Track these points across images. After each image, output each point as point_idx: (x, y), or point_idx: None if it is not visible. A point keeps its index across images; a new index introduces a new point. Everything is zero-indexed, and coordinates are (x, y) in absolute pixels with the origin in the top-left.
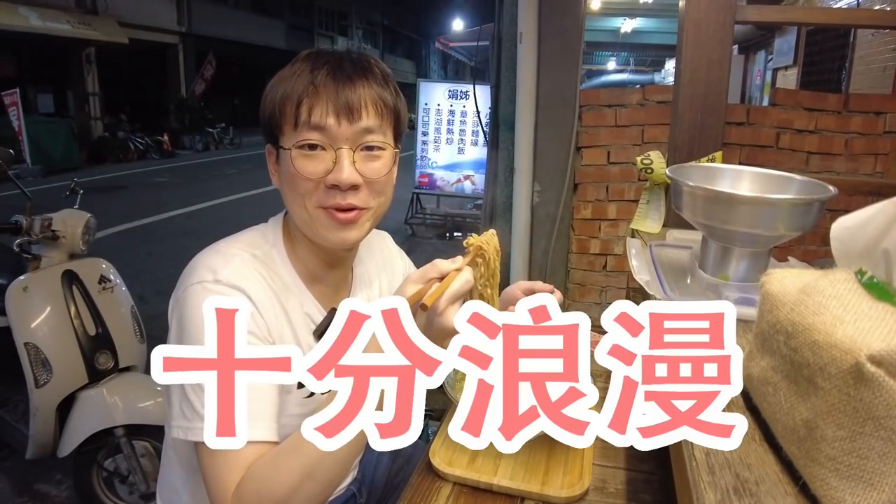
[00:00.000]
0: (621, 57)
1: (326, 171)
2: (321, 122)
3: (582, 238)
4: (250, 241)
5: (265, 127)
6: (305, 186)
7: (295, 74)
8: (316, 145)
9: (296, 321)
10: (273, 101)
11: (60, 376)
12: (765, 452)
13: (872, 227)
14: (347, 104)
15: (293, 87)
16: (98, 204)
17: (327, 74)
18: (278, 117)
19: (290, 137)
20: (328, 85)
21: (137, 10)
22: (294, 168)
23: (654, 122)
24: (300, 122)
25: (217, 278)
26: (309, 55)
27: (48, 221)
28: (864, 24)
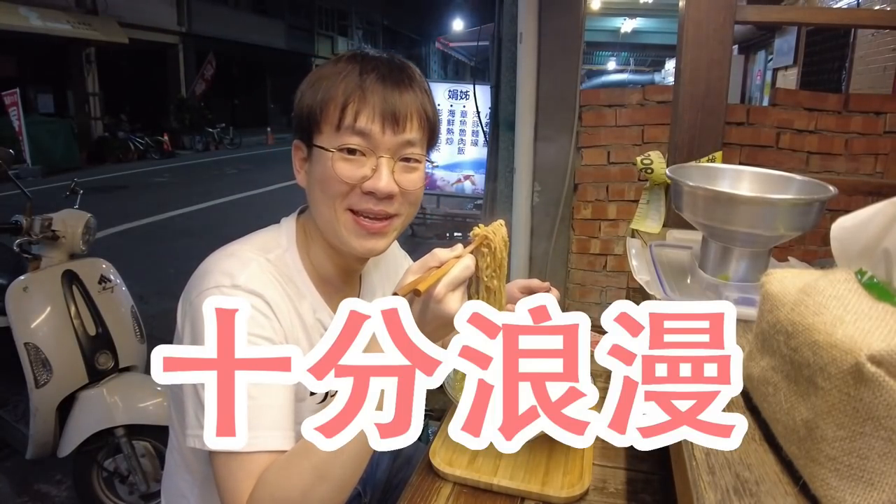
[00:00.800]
0: (621, 57)
1: (364, 178)
2: (366, 129)
3: (582, 238)
4: (263, 245)
5: (300, 122)
6: (340, 189)
7: (340, 74)
8: (356, 150)
9: (309, 326)
10: (314, 98)
11: (60, 376)
12: (765, 452)
13: (872, 227)
14: (393, 113)
15: (339, 88)
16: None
17: (376, 80)
18: (318, 115)
19: (331, 138)
20: (376, 91)
21: (137, 10)
22: (333, 170)
23: (654, 122)
24: (344, 124)
25: (235, 283)
26: (355, 56)
27: (48, 221)
28: (864, 24)
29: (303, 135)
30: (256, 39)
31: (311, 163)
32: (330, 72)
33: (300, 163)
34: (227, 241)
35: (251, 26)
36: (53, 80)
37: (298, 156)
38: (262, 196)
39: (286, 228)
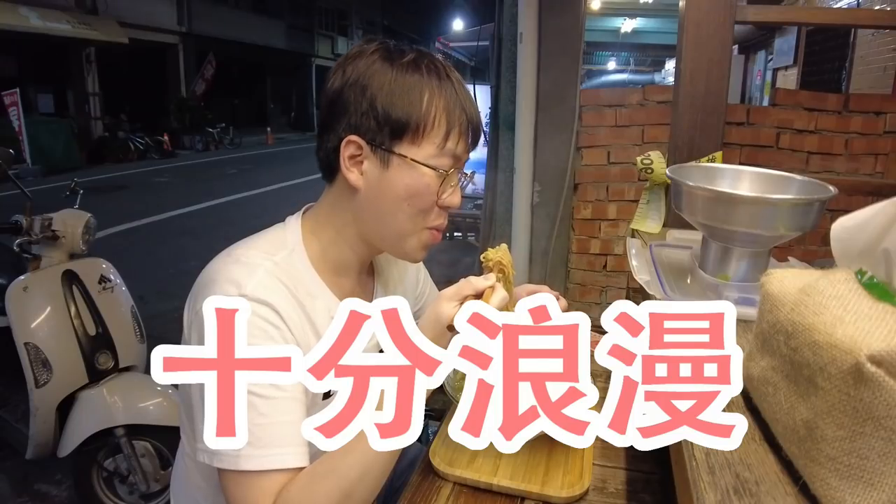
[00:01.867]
0: (621, 57)
1: (444, 194)
2: (463, 155)
3: (582, 238)
4: (269, 247)
5: (375, 117)
6: (427, 204)
7: (434, 87)
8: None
9: (320, 326)
10: (413, 96)
11: (60, 376)
12: (765, 452)
13: (872, 227)
14: (476, 138)
15: (440, 105)
16: (98, 204)
17: (472, 104)
18: (419, 129)
19: (425, 153)
20: (471, 115)
21: (137, 10)
22: (426, 186)
23: (654, 122)
24: (447, 147)
25: (242, 292)
26: (429, 64)
27: (48, 221)
28: (864, 24)
29: (375, 136)
30: (256, 39)
31: (389, 172)
32: (426, 83)
33: (353, 161)
34: (227, 241)
35: (251, 26)
36: (53, 80)
37: (351, 152)
38: (262, 196)
39: (291, 228)
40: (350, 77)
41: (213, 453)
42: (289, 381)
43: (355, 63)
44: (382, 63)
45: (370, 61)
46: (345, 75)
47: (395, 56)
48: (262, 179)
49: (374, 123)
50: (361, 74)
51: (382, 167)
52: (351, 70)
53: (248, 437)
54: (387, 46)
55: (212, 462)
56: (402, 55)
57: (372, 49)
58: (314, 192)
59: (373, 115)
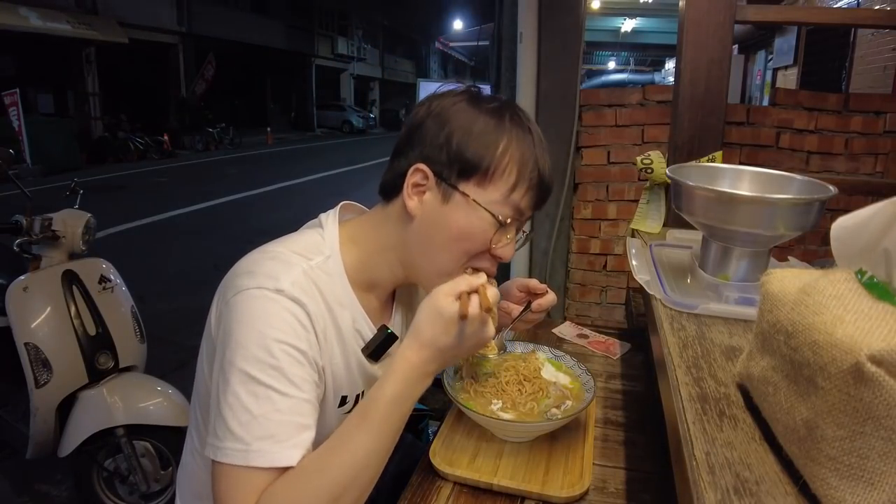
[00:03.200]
0: (621, 57)
1: (499, 244)
2: (525, 211)
3: (582, 238)
4: (306, 248)
5: (450, 152)
6: (477, 248)
7: (520, 140)
8: (508, 224)
9: (346, 337)
10: (489, 141)
11: (60, 376)
12: (765, 452)
13: (872, 226)
14: (544, 198)
15: (517, 161)
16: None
17: (547, 163)
18: (488, 172)
19: (488, 197)
20: (546, 176)
21: (137, 10)
22: (488, 236)
23: (654, 122)
24: (511, 199)
25: (279, 287)
26: (521, 121)
27: (48, 221)
28: (864, 23)
29: (443, 170)
30: (256, 39)
31: (448, 207)
32: (502, 124)
33: (416, 189)
34: (227, 240)
35: (251, 26)
36: (53, 80)
37: (417, 179)
38: (262, 196)
39: (329, 234)
40: (434, 110)
41: (216, 447)
42: (306, 384)
43: (441, 100)
44: (467, 104)
45: (456, 100)
46: (429, 108)
47: (481, 101)
48: (263, 179)
49: (445, 157)
50: (444, 109)
51: (443, 201)
52: (436, 105)
53: (258, 430)
54: (475, 92)
55: (215, 456)
56: (489, 102)
57: (460, 91)
58: (315, 192)
59: (446, 149)
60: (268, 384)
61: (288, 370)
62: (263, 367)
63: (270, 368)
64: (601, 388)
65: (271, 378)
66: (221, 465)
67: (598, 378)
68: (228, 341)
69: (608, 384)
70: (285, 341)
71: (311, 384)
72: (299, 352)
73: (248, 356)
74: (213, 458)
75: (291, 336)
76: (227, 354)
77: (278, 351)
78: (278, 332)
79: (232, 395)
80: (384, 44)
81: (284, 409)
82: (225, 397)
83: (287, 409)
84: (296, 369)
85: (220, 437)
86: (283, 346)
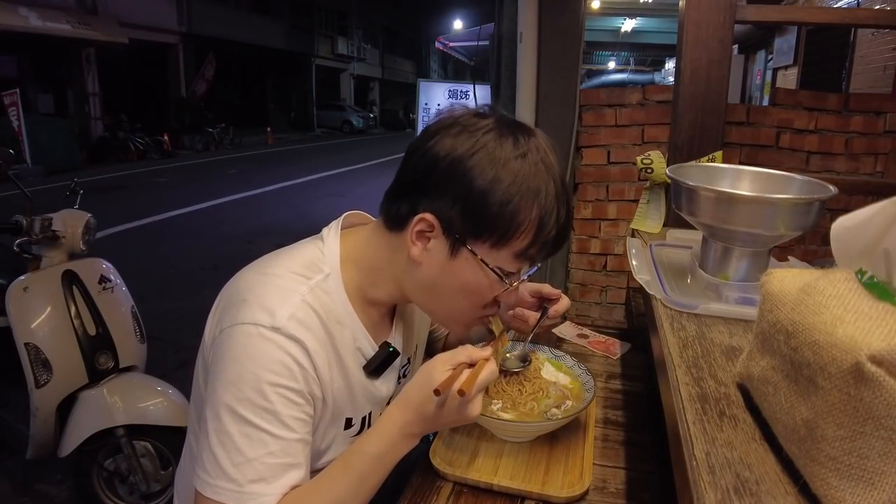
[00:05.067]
0: (621, 57)
1: (502, 290)
2: (538, 261)
3: (582, 238)
4: (304, 266)
5: (462, 205)
6: (484, 300)
7: (532, 195)
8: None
9: (347, 357)
10: (506, 205)
11: (60, 376)
12: (765, 452)
13: (872, 226)
14: (559, 246)
15: (537, 219)
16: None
17: (567, 215)
18: (503, 232)
19: (499, 259)
20: (563, 227)
21: (137, 10)
22: (488, 287)
23: (654, 122)
24: (524, 255)
25: (275, 325)
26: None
27: (48, 221)
28: (864, 23)
29: (454, 224)
30: (256, 39)
31: (455, 262)
32: (526, 177)
33: (421, 237)
34: (227, 240)
35: (251, 26)
36: (53, 80)
37: (421, 227)
38: (262, 196)
39: (329, 250)
40: (455, 152)
41: (206, 483)
42: (299, 423)
43: (459, 139)
44: (493, 149)
45: (477, 144)
46: (450, 146)
47: (505, 143)
48: (262, 179)
49: (458, 213)
50: (464, 158)
51: (450, 254)
52: (457, 142)
53: (251, 473)
54: (502, 126)
55: (204, 492)
56: (517, 144)
57: (482, 127)
58: (314, 192)
59: (461, 206)
60: (261, 427)
61: (282, 412)
62: (257, 410)
63: (264, 412)
64: (601, 388)
65: (265, 421)
66: (211, 500)
67: (598, 378)
68: (221, 377)
69: (608, 384)
70: (280, 384)
71: (304, 422)
72: (295, 392)
73: (242, 398)
74: (202, 492)
75: (286, 377)
76: (220, 390)
77: (272, 394)
78: (273, 376)
79: (225, 434)
80: (384, 44)
81: (277, 451)
82: (218, 435)
83: (279, 451)
84: (290, 410)
85: (213, 475)
86: (278, 389)
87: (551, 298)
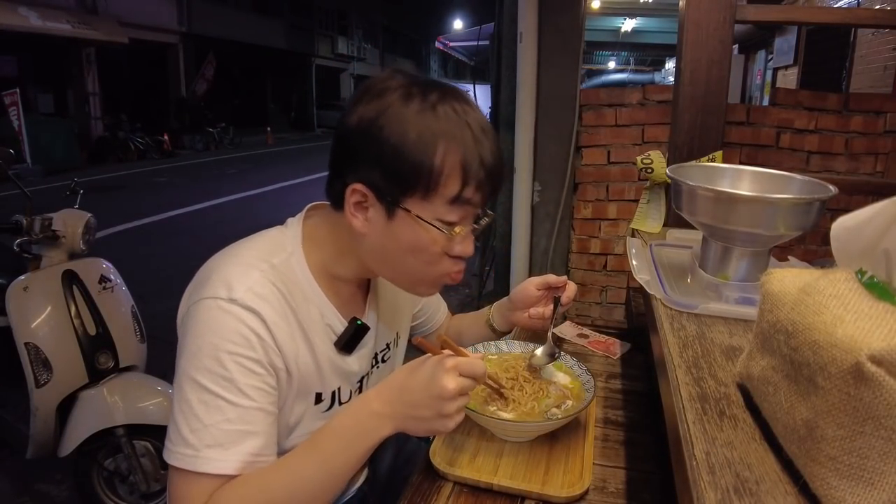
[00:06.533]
0: (621, 57)
1: (455, 244)
2: (473, 201)
3: (582, 238)
4: (269, 248)
5: (383, 168)
6: (436, 257)
7: (454, 134)
8: (456, 222)
9: (313, 331)
10: (421, 150)
11: (61, 376)
12: (765, 452)
13: (872, 226)
14: (496, 187)
15: (458, 157)
16: (98, 204)
17: (492, 155)
18: (429, 182)
19: (433, 210)
20: (493, 169)
21: (137, 10)
22: (438, 245)
23: (654, 122)
24: (460, 198)
25: (232, 297)
26: (452, 103)
27: (48, 221)
28: (865, 23)
29: (380, 187)
30: (256, 39)
31: (394, 223)
32: (437, 125)
33: (359, 208)
34: (226, 241)
35: (251, 26)
36: (53, 80)
37: (356, 199)
38: (262, 196)
39: (292, 232)
40: (364, 118)
41: (170, 451)
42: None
43: (370, 104)
44: (399, 107)
45: (388, 103)
46: (360, 114)
47: (415, 97)
48: (263, 179)
49: (380, 175)
50: (374, 119)
51: (388, 218)
52: (366, 109)
53: (208, 438)
54: (409, 84)
55: (168, 460)
56: (424, 97)
57: (394, 86)
58: (314, 192)
59: (380, 168)
60: (218, 394)
61: (239, 380)
62: (215, 378)
63: (222, 379)
64: (601, 388)
65: (222, 389)
66: (174, 468)
67: (598, 378)
68: (184, 350)
69: (608, 384)
70: (237, 352)
71: (264, 392)
72: (253, 361)
73: (201, 367)
74: (167, 461)
75: (244, 347)
76: (182, 363)
77: (230, 363)
78: (230, 345)
79: (185, 402)
80: (384, 44)
81: (234, 418)
82: (179, 404)
83: (236, 419)
84: (248, 379)
85: (174, 442)
86: (235, 358)
87: (558, 286)
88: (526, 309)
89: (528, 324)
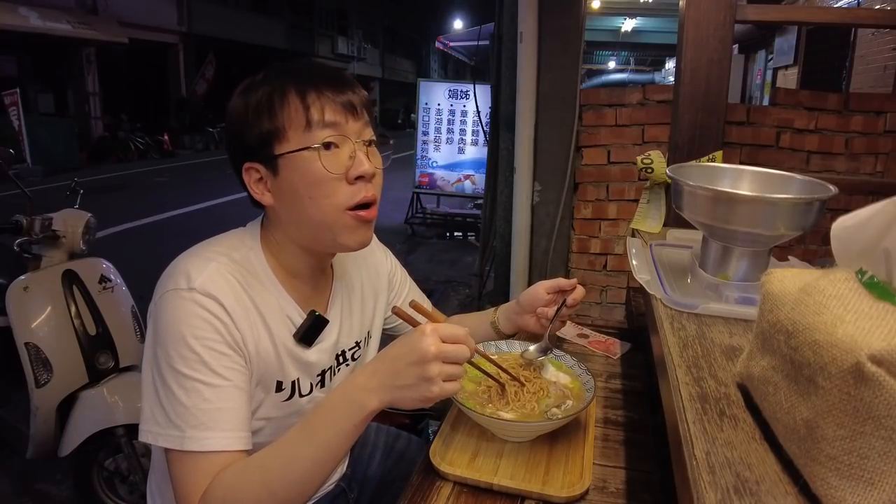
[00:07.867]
0: (621, 56)
1: (347, 168)
2: (335, 119)
3: (582, 238)
4: (230, 244)
5: (251, 145)
6: (331, 186)
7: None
8: (332, 143)
9: (273, 321)
10: (261, 108)
11: (61, 376)
12: (765, 452)
13: (873, 226)
14: (349, 101)
15: (291, 91)
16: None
17: (321, 79)
18: (281, 125)
19: (303, 139)
20: (326, 87)
21: (137, 10)
22: (322, 167)
23: (654, 122)
24: (313, 121)
25: (191, 286)
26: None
27: (48, 221)
28: (865, 23)
29: (258, 155)
30: (256, 39)
31: (281, 176)
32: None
33: (259, 184)
34: None
35: (251, 26)
36: (53, 80)
37: (253, 178)
38: None
39: (251, 231)
40: (228, 117)
41: (158, 434)
42: (231, 372)
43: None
44: (237, 97)
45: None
46: (227, 117)
47: (248, 85)
48: None
49: (247, 144)
50: (229, 113)
51: (279, 176)
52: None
53: (191, 420)
54: (250, 80)
55: (156, 442)
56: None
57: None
58: None
59: (243, 139)
60: (194, 377)
61: (211, 362)
62: (189, 363)
63: (195, 363)
64: (601, 388)
65: (197, 371)
66: (170, 452)
67: (599, 378)
68: (158, 342)
69: (608, 384)
70: (203, 336)
71: (237, 371)
72: (219, 342)
73: (175, 355)
74: (153, 442)
75: (209, 330)
76: (159, 353)
77: (199, 346)
78: (195, 330)
79: (168, 389)
80: (384, 44)
81: (212, 398)
82: (164, 392)
83: (214, 398)
84: (219, 360)
85: (162, 426)
86: (203, 341)
87: (567, 290)
88: (534, 312)
89: (536, 329)
